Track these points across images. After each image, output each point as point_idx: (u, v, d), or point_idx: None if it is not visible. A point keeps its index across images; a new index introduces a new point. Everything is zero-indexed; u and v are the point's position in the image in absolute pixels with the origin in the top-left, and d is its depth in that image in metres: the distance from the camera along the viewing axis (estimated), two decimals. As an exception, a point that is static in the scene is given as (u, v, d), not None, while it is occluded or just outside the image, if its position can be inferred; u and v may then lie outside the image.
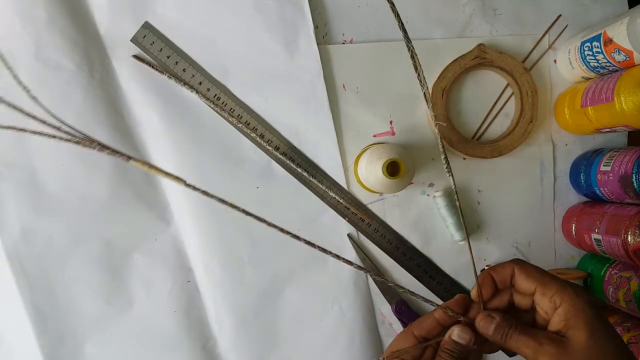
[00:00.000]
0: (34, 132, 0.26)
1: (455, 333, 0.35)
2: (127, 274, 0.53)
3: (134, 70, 0.52)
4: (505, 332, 0.34)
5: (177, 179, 0.27)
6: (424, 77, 0.27)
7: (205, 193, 0.28)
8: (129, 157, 0.24)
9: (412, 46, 0.26)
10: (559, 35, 0.57)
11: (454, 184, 0.34)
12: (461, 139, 0.55)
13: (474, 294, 0.36)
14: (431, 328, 0.36)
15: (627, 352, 0.32)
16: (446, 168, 0.33)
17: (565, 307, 0.32)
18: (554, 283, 0.33)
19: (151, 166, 0.25)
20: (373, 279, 0.56)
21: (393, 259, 0.57)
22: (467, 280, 0.58)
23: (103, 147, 0.22)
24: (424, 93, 0.28)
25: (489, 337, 0.35)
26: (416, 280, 0.57)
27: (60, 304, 0.52)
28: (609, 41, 0.48)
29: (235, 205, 0.30)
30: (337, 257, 0.34)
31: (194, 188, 0.28)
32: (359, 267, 0.35)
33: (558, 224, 0.59)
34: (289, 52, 0.53)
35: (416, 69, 0.26)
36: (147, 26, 0.52)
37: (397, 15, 0.24)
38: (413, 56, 0.26)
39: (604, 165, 0.52)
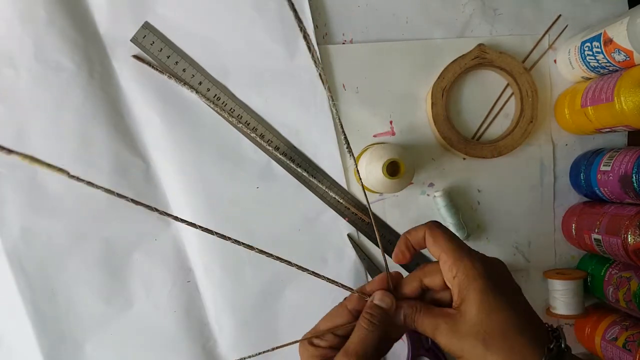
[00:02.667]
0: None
1: (377, 297, 0.34)
2: (127, 274, 0.53)
3: (134, 70, 0.52)
4: (412, 317, 0.33)
5: (60, 170, 0.26)
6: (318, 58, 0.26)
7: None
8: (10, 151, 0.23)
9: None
10: (559, 35, 0.57)
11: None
12: (461, 139, 0.55)
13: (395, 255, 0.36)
14: (358, 302, 0.35)
15: (520, 321, 0.29)
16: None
17: (459, 277, 0.31)
18: (455, 252, 0.31)
19: (33, 159, 0.25)
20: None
21: (393, 259, 0.57)
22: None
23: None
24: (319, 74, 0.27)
25: (403, 325, 0.34)
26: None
27: (60, 304, 0.52)
28: (609, 41, 0.48)
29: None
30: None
31: (78, 179, 0.27)
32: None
33: (558, 224, 0.59)
34: (289, 52, 0.53)
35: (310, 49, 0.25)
36: (147, 26, 0.52)
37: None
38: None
39: (604, 165, 0.52)
